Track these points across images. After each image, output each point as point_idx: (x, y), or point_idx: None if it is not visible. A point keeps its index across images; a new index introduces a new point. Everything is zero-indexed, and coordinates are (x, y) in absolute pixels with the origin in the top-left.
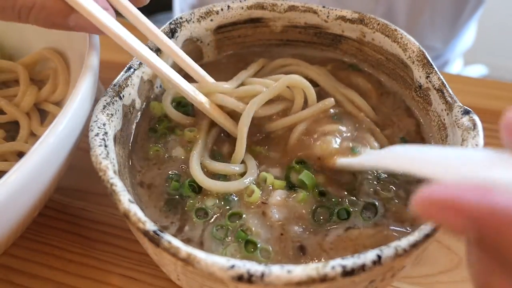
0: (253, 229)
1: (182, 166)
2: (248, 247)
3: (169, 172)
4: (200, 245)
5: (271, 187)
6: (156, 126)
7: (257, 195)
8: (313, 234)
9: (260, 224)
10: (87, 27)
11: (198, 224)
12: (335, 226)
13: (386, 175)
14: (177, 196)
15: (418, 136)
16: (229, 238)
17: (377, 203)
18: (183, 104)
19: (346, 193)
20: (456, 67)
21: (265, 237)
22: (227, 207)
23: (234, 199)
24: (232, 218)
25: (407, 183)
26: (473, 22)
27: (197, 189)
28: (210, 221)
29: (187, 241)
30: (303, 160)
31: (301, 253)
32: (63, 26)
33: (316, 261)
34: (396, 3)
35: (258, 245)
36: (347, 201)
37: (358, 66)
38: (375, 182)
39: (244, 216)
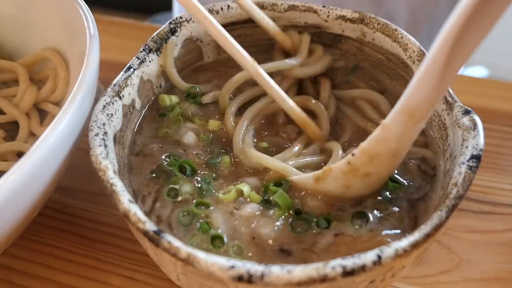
0: (215, 224)
1: (185, 150)
2: (215, 242)
3: (171, 152)
4: (169, 227)
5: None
6: (166, 112)
7: (231, 197)
8: (296, 240)
9: (225, 221)
10: None
11: (168, 202)
12: (320, 234)
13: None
14: (166, 168)
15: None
16: (197, 224)
17: (367, 212)
18: (193, 96)
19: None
20: None
21: (233, 236)
22: (199, 194)
23: (211, 189)
24: (199, 206)
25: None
26: None
27: (188, 173)
28: (179, 202)
29: (158, 218)
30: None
31: (286, 254)
32: None
33: (307, 262)
34: (395, 14)
35: (225, 240)
36: (329, 214)
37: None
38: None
39: (211, 208)
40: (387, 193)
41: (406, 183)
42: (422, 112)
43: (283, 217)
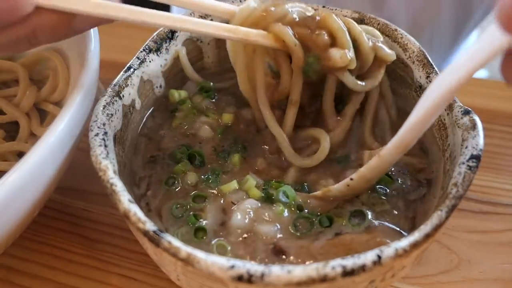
0: (204, 217)
1: (200, 143)
2: (198, 233)
3: (184, 143)
4: (159, 216)
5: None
6: (178, 106)
7: (231, 187)
8: (295, 238)
9: (215, 215)
10: (94, 23)
11: (161, 190)
12: (321, 232)
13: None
14: (177, 155)
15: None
16: (185, 216)
17: (365, 210)
18: (206, 89)
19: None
20: None
21: (218, 232)
22: (206, 184)
23: (217, 181)
24: (197, 199)
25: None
26: (473, 37)
27: (197, 162)
28: (175, 190)
29: (147, 206)
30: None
31: (281, 256)
32: (72, 33)
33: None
34: (396, 18)
35: (208, 232)
36: (331, 212)
37: None
38: (367, 197)
39: (206, 201)
40: (380, 188)
41: (398, 181)
42: (412, 144)
43: (286, 213)
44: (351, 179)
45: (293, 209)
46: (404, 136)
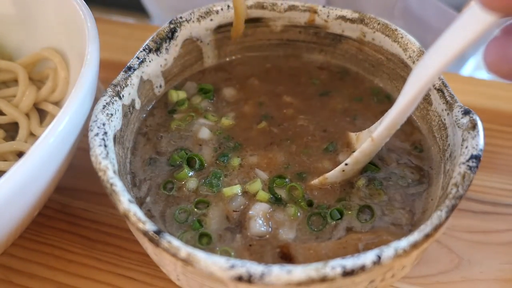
0: (208, 223)
1: (200, 145)
2: (202, 239)
3: (181, 146)
4: (163, 222)
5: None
6: (176, 107)
7: (233, 191)
8: (303, 241)
9: (219, 221)
10: None
11: (161, 196)
12: (335, 228)
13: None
14: (175, 160)
15: (417, 136)
16: (189, 221)
17: (372, 206)
18: (205, 91)
19: (335, 201)
20: (465, 71)
21: (222, 238)
22: (208, 188)
23: (220, 185)
24: (199, 205)
25: (399, 187)
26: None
27: (196, 166)
28: (176, 195)
29: (149, 213)
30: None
31: (289, 260)
32: None
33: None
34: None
35: (212, 238)
36: (340, 205)
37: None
38: (365, 188)
39: (209, 206)
40: (373, 176)
41: (396, 171)
42: (400, 124)
43: (299, 211)
44: (346, 164)
45: (302, 203)
46: (395, 118)
